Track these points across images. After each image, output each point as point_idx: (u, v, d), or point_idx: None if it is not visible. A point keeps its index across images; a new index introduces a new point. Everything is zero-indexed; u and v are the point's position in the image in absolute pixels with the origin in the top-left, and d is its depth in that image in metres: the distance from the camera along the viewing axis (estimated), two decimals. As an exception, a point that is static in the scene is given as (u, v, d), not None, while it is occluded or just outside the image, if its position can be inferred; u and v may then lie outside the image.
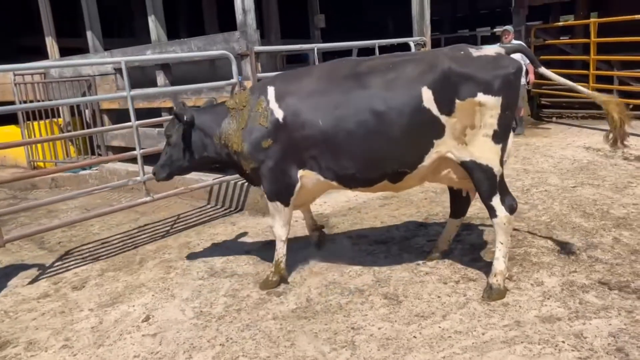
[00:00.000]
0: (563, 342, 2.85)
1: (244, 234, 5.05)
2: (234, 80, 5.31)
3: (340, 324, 3.23)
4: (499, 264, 3.43)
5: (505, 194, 3.41)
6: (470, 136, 3.26)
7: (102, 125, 7.39)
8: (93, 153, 7.78)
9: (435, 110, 3.26)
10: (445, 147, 3.33)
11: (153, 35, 6.48)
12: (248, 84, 5.39)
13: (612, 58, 9.25)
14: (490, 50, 3.39)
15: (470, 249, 4.17)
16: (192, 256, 4.57)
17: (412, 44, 7.54)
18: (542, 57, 10.23)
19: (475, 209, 5.06)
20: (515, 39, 9.85)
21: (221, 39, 5.58)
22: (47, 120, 7.92)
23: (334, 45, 6.55)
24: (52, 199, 4.76)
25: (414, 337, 3.02)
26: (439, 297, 3.46)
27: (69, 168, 5.74)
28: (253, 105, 3.62)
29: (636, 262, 3.70)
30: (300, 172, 3.58)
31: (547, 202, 5.14)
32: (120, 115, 7.56)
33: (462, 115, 3.24)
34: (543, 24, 13.42)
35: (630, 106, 9.39)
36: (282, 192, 3.65)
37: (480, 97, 3.20)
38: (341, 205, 5.63)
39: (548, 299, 3.31)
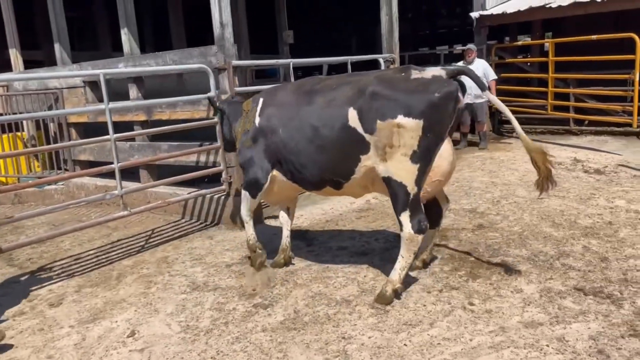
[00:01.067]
0: (547, 345, 2.97)
1: (223, 247, 5.02)
2: (212, 93, 5.30)
3: (330, 334, 3.26)
4: (394, 274, 3.64)
5: (416, 213, 3.51)
6: (390, 154, 3.45)
7: (70, 138, 7.21)
8: (59, 168, 7.57)
9: (360, 129, 3.53)
10: (371, 161, 3.58)
11: (126, 48, 6.40)
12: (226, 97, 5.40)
13: (569, 76, 9.72)
14: (430, 72, 3.52)
15: (449, 258, 4.28)
16: (172, 271, 4.51)
17: (382, 61, 7.74)
18: (502, 74, 10.68)
19: (450, 220, 5.23)
20: (478, 57, 10.24)
21: (198, 53, 5.57)
22: (10, 134, 7.67)
23: (309, 61, 6.64)
24: (30, 212, 4.57)
25: (405, 345, 3.09)
26: (424, 305, 3.54)
27: (53, 180, 5.51)
28: (250, 111, 4.17)
29: (606, 269, 3.89)
30: (272, 172, 4.07)
31: (517, 213, 5.34)
32: (88, 128, 7.42)
33: (382, 135, 3.44)
34: (498, 43, 13.99)
35: (586, 122, 9.90)
36: (252, 186, 4.18)
37: (400, 119, 3.36)
38: (318, 218, 5.68)
39: (528, 305, 3.45)
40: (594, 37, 8.45)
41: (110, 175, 4.93)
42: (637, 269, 3.85)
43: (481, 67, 9.14)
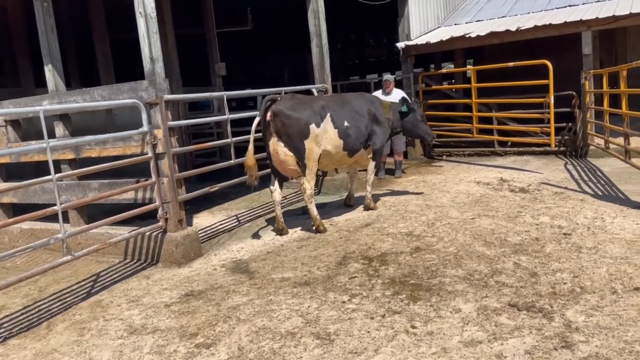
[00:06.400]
0: (487, 363, 3.07)
1: (161, 287, 4.86)
2: (145, 129, 5.20)
3: (276, 369, 3.22)
4: None
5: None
6: None
7: (-10, 180, 6.79)
8: (-22, 212, 7.08)
9: None
10: None
11: (50, 85, 6.17)
12: (158, 132, 5.31)
13: (491, 101, 10.29)
14: None
15: (390, 282, 4.36)
16: (106, 315, 4.31)
17: (315, 92, 7.89)
18: (429, 101, 11.17)
19: (389, 244, 5.33)
20: (405, 85, 10.66)
21: (128, 88, 5.45)
22: None
23: (243, 93, 6.67)
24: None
25: (351, 374, 3.09)
26: (368, 332, 3.57)
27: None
28: None
29: (537, 284, 4.09)
30: None
31: (451, 234, 5.53)
32: (10, 170, 7.04)
33: None
34: (424, 71, 14.66)
35: (509, 143, 10.48)
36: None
37: None
38: (259, 250, 5.63)
39: (467, 324, 3.55)
40: (510, 64, 9.02)
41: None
42: (564, 282, 4.07)
43: (399, 96, 9.48)
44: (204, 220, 6.99)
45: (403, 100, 7.01)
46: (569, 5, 11.07)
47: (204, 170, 6.24)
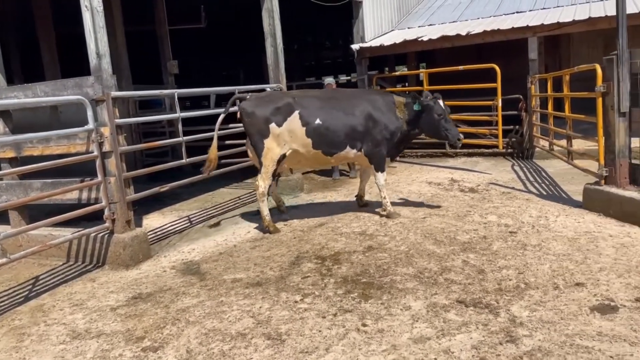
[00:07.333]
0: (435, 359, 3.11)
1: (107, 290, 4.70)
2: (90, 126, 5.02)
3: (225, 371, 3.16)
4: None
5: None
6: None
7: None
8: None
9: None
10: None
11: (-11, 80, 5.89)
12: (105, 130, 5.14)
13: (442, 103, 10.50)
14: None
15: (342, 281, 4.37)
16: (48, 319, 4.13)
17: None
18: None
19: (342, 244, 5.35)
20: (359, 87, 10.76)
21: (72, 84, 5.25)
22: None
23: (195, 91, 6.54)
24: None
25: (302, 373, 3.07)
26: (320, 331, 3.56)
27: None
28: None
29: (484, 281, 4.19)
30: None
31: (403, 233, 5.60)
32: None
33: None
34: (379, 73, 14.84)
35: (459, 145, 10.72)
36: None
37: None
38: (211, 251, 5.54)
39: (417, 321, 3.60)
40: (460, 67, 9.24)
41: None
42: (510, 278, 4.19)
43: None
44: (154, 221, 6.82)
45: (414, 97, 6.10)
46: (517, 12, 11.46)
47: (153, 169, 6.08)
